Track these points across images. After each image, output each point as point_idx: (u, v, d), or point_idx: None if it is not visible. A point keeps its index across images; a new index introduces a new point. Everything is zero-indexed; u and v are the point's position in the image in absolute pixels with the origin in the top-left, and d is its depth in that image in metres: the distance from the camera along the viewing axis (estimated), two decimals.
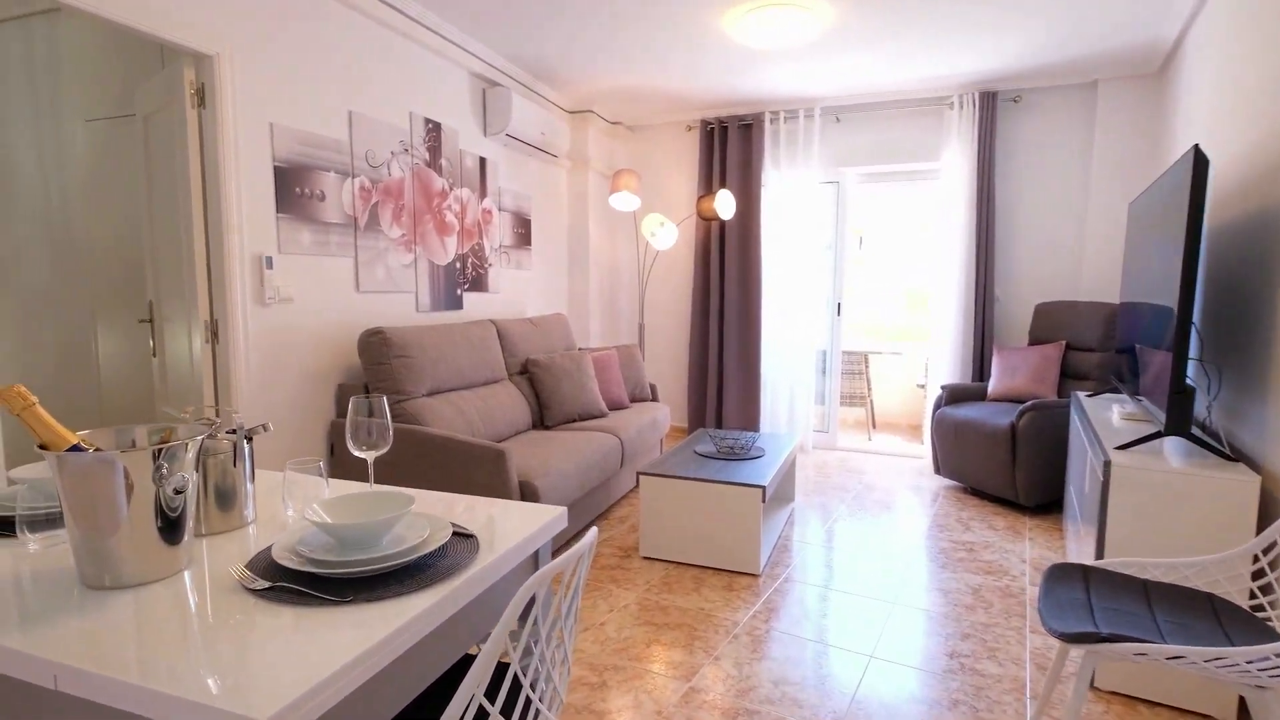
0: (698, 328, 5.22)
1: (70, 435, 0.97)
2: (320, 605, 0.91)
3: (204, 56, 2.44)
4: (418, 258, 3.54)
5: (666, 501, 2.93)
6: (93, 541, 0.96)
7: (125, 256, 3.30)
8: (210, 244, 2.55)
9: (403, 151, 3.39)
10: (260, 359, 2.67)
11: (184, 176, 2.53)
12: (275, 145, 2.69)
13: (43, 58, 3.39)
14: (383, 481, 2.82)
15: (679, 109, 5.08)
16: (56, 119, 3.39)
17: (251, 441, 1.26)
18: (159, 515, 0.99)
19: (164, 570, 1.01)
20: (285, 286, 2.76)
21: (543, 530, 1.24)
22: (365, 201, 3.16)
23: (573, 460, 3.00)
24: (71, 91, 3.34)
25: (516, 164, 4.46)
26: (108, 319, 3.37)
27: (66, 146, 3.38)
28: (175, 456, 1.00)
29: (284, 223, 2.75)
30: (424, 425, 2.87)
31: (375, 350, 2.92)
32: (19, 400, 0.93)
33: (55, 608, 0.91)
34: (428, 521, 1.16)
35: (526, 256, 4.61)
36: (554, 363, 3.79)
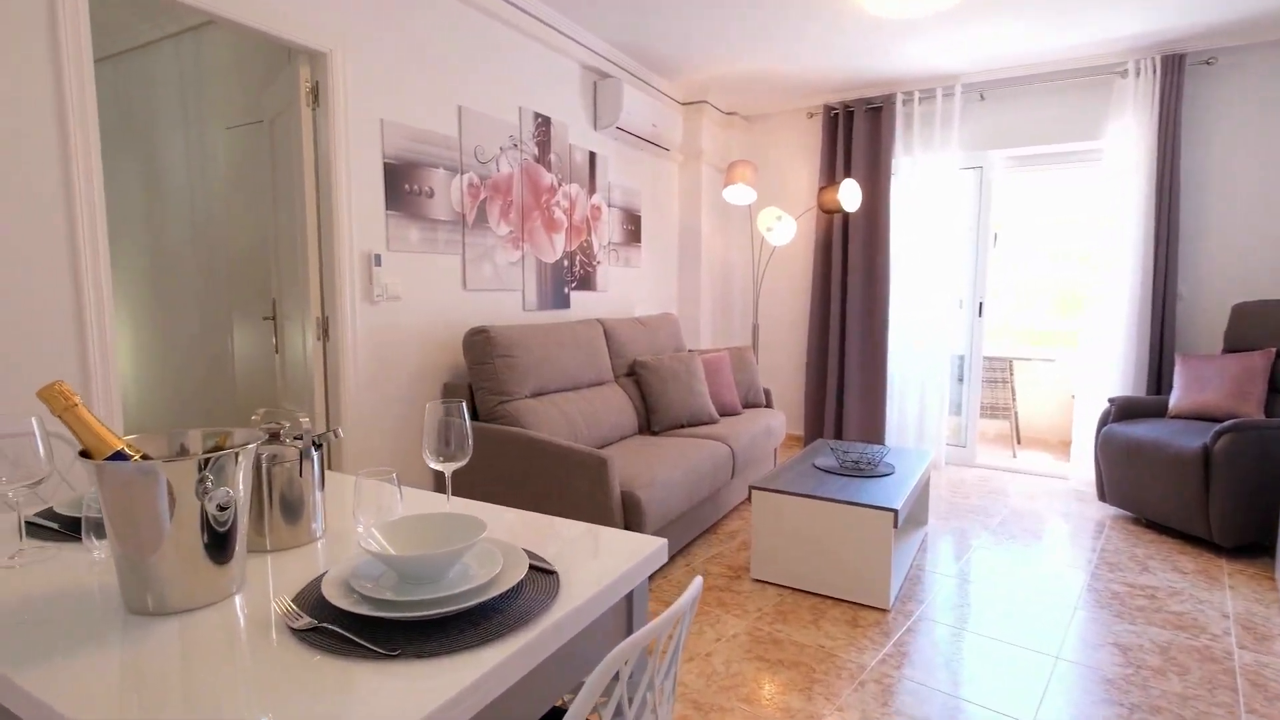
0: (816, 329, 4.85)
1: (114, 440, 0.87)
2: (365, 657, 0.75)
3: (318, 54, 2.45)
4: (525, 255, 3.46)
5: (782, 520, 2.65)
6: (133, 560, 0.85)
7: (255, 257, 3.45)
8: (322, 242, 2.56)
9: (512, 147, 3.32)
10: (368, 357, 2.66)
11: (299, 175, 2.55)
12: (385, 142, 2.67)
13: (190, 71, 3.62)
14: (481, 486, 2.74)
15: (800, 94, 4.75)
16: (201, 127, 3.60)
17: (321, 449, 1.14)
18: (205, 531, 0.88)
19: (211, 594, 0.89)
20: (393, 284, 2.74)
21: (638, 567, 1.03)
22: (473, 198, 3.11)
23: (680, 469, 2.79)
24: (214, 101, 3.54)
25: (626, 158, 4.31)
26: (241, 317, 3.54)
27: (209, 153, 3.59)
28: (223, 468, 0.88)
29: (393, 220, 2.73)
30: (526, 427, 2.76)
31: (479, 349, 2.84)
32: (60, 400, 0.84)
33: (90, 634, 0.81)
34: (501, 552, 0.98)
35: (635, 254, 4.46)
36: (662, 364, 3.60)
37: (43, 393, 0.83)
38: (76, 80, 1.81)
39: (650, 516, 2.52)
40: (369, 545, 0.88)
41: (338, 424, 2.59)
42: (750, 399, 4.13)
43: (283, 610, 0.85)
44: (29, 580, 0.96)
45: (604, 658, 0.69)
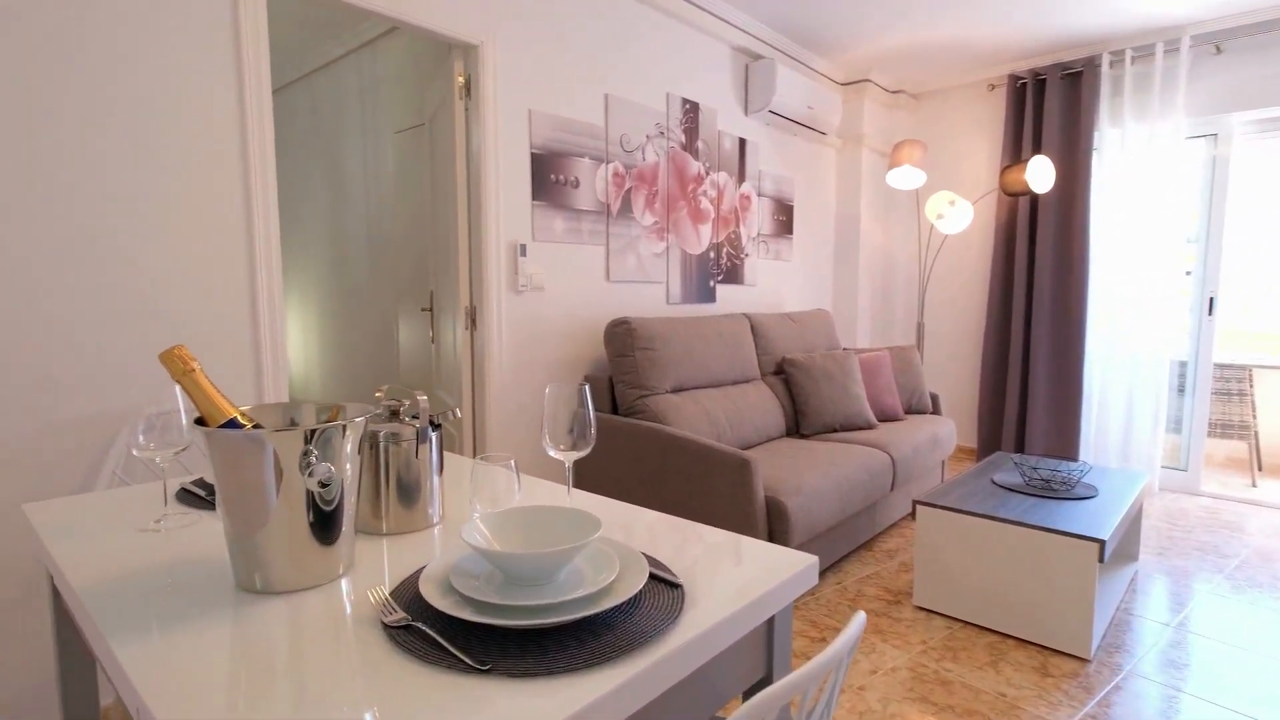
0: (995, 328, 4.30)
1: (230, 408, 0.84)
2: (452, 667, 0.64)
3: (470, 47, 2.49)
4: (670, 246, 3.35)
5: (952, 541, 2.30)
6: (241, 536, 0.81)
7: (416, 252, 3.64)
8: (471, 233, 2.61)
9: (658, 134, 3.22)
10: (512, 347, 2.68)
11: (450, 167, 2.62)
12: (533, 132, 2.67)
13: (367, 82, 3.90)
14: (615, 482, 2.66)
15: (980, 64, 4.23)
16: (376, 133, 3.87)
17: (439, 429, 1.07)
18: (311, 510, 0.82)
19: (317, 576, 0.84)
20: (537, 275, 2.73)
21: (784, 587, 0.85)
22: (618, 188, 3.04)
23: (831, 477, 2.53)
24: (386, 108, 3.79)
25: (779, 144, 4.07)
26: (405, 310, 3.76)
27: (380, 157, 3.85)
28: (328, 441, 0.81)
29: (538, 210, 2.72)
30: (665, 424, 2.63)
31: (620, 341, 2.76)
32: (178, 364, 0.82)
33: (198, 607, 0.77)
34: (618, 556, 0.84)
35: (786, 246, 4.20)
36: (814, 363, 3.33)
37: (163, 356, 0.81)
38: (256, 108, 1.94)
39: (797, 527, 2.29)
40: (471, 538, 0.77)
41: (483, 413, 2.62)
42: (914, 404, 3.72)
43: (378, 602, 0.77)
44: (165, 545, 0.96)
45: (733, 695, 0.52)
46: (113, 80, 1.69)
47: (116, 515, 1.08)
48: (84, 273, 1.67)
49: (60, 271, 1.64)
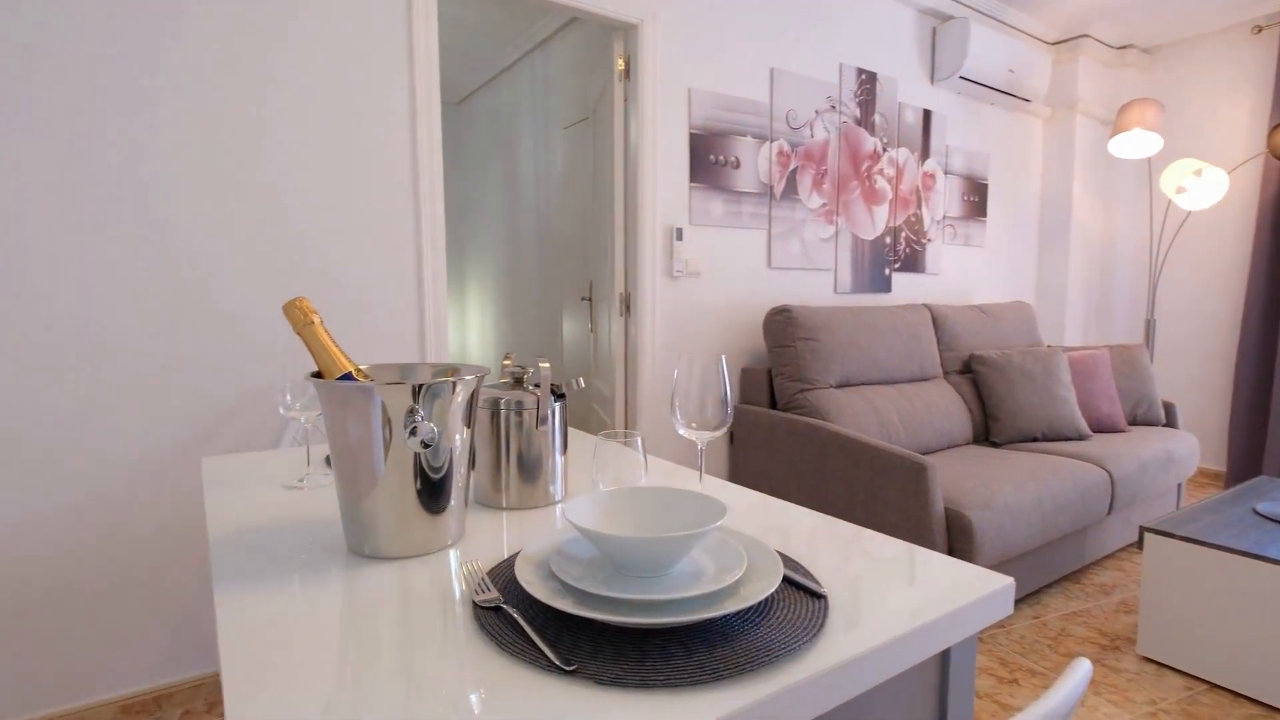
0: (1256, 326, 3.49)
1: (346, 362, 0.81)
2: (533, 662, 0.54)
3: (630, 26, 2.44)
4: (839, 231, 3.09)
5: (1194, 581, 1.84)
6: (351, 499, 0.78)
7: (580, 244, 3.70)
8: (627, 217, 2.56)
9: (829, 109, 2.98)
10: (666, 334, 2.59)
11: (609, 154, 2.59)
12: (692, 111, 2.57)
13: (539, 82, 4.05)
14: (769, 479, 2.47)
15: (1239, 2, 3.46)
16: (547, 130, 4.00)
17: (563, 399, 0.99)
18: (419, 477, 0.77)
19: (423, 545, 0.78)
20: (694, 260, 2.62)
21: (969, 611, 0.65)
22: (783, 167, 2.85)
23: (1030, 492, 2.15)
24: (555, 106, 3.90)
25: (971, 115, 3.61)
26: (568, 301, 3.84)
27: (550, 153, 3.97)
28: (437, 397, 0.76)
29: (696, 193, 2.61)
30: (828, 420, 2.40)
31: (780, 330, 2.57)
32: (300, 315, 0.80)
33: (310, 567, 0.75)
34: (747, 552, 0.70)
35: (978, 230, 3.72)
36: (1010, 361, 2.89)
37: (286, 307, 0.80)
38: (426, 123, 2.03)
39: (984, 546, 1.97)
40: (574, 517, 0.67)
41: (635, 402, 2.56)
42: (1142, 414, 3.11)
43: (473, 578, 0.70)
44: (300, 502, 0.97)
45: None
46: (308, 95, 1.84)
47: (272, 473, 1.13)
48: (273, 255, 1.84)
49: (252, 254, 1.81)
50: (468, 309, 5.53)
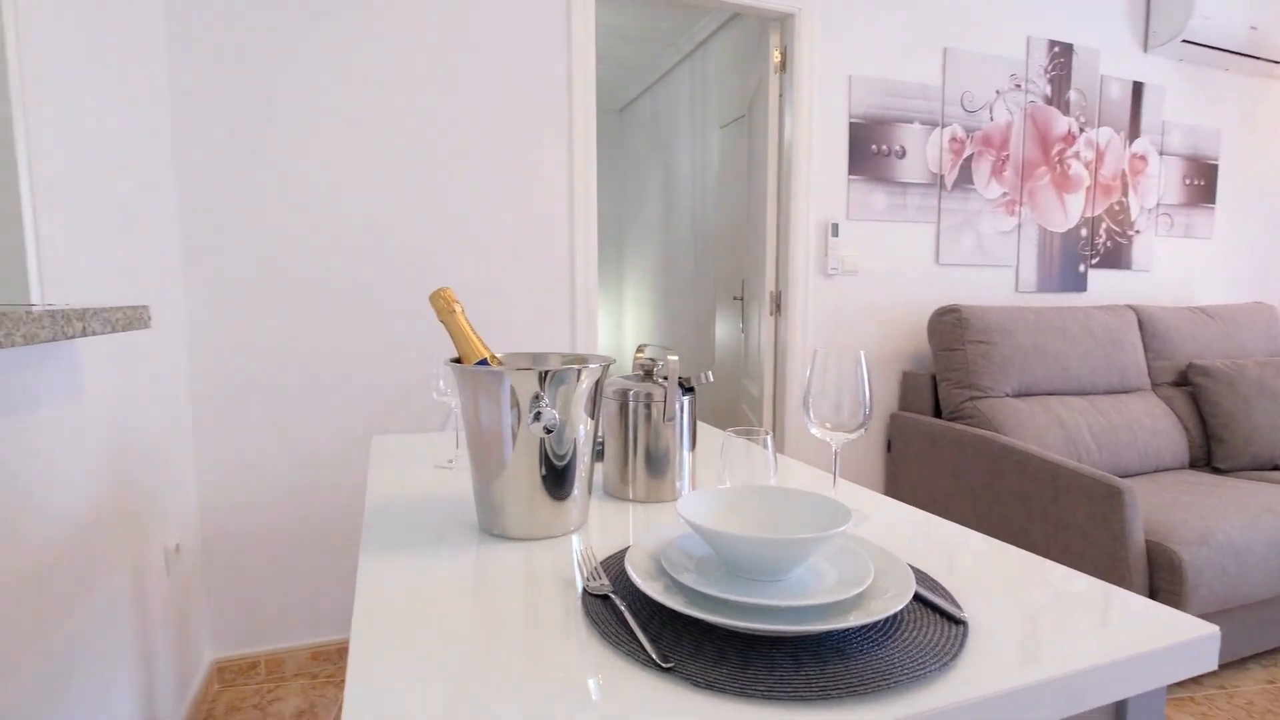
0: None
1: (482, 349, 0.85)
2: (631, 654, 0.53)
3: (786, 16, 2.37)
4: (1022, 223, 2.77)
5: None
6: (483, 480, 0.82)
7: (733, 243, 3.66)
8: (780, 213, 2.49)
9: (1012, 88, 2.69)
10: (818, 335, 2.48)
11: (764, 149, 2.53)
12: (852, 100, 2.43)
13: (698, 83, 4.06)
14: (934, 500, 2.26)
15: None
16: (704, 130, 4.01)
17: (693, 393, 0.97)
18: (543, 463, 0.79)
19: (546, 528, 0.80)
20: (850, 256, 2.49)
21: (1150, 661, 0.55)
22: (955, 155, 2.61)
23: (1266, 530, 1.79)
24: (713, 105, 3.89)
25: (1196, 85, 3.09)
26: (721, 300, 3.82)
27: (706, 152, 3.97)
28: (563, 381, 0.77)
29: (855, 185, 2.47)
30: (1001, 432, 2.16)
31: (947, 332, 2.36)
32: (444, 304, 0.86)
33: (445, 544, 0.80)
34: (874, 563, 0.63)
35: (1203, 219, 3.17)
36: (1242, 373, 2.43)
37: (432, 297, 0.86)
38: (582, 126, 2.10)
39: (1198, 590, 1.66)
40: (686, 512, 0.65)
41: (783, 405, 2.48)
42: None
43: (587, 565, 0.70)
44: (447, 482, 1.04)
45: None
46: (475, 105, 1.98)
47: (428, 453, 1.22)
48: (441, 252, 2.00)
49: (423, 250, 1.98)
50: (624, 309, 5.69)
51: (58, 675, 1.06)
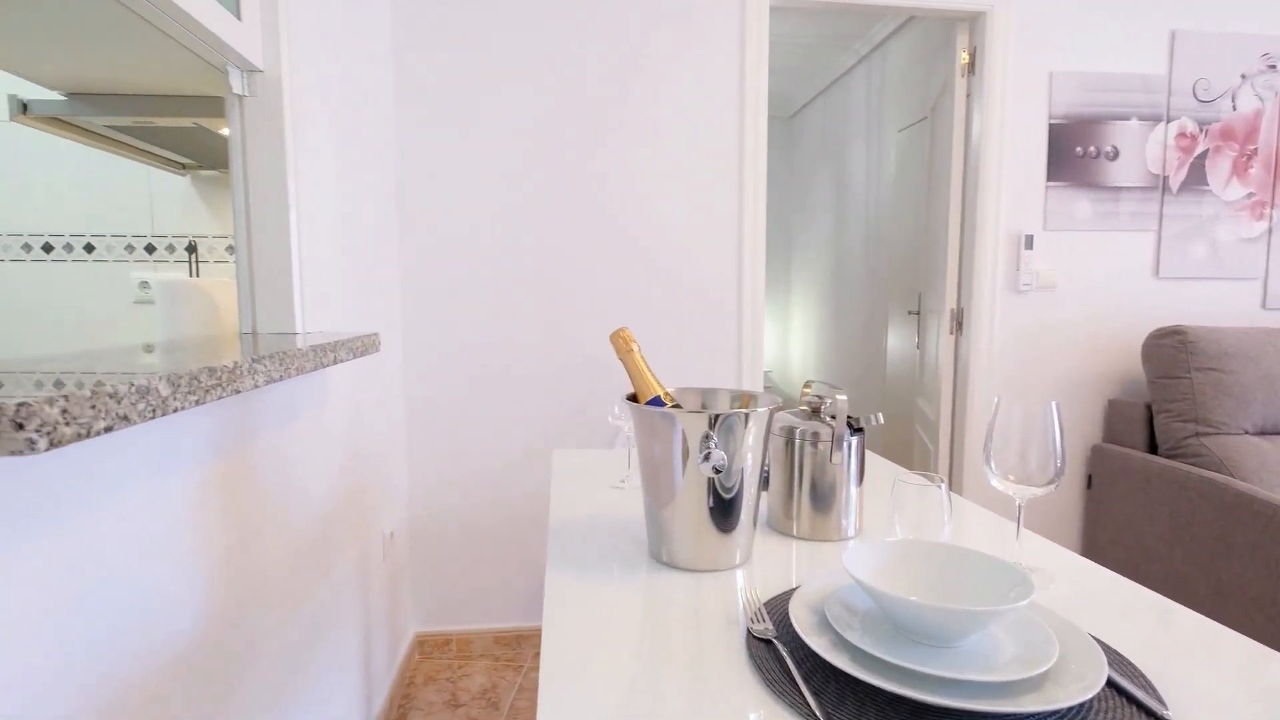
0: None
1: (656, 386, 0.91)
2: (792, 706, 0.55)
3: (976, 15, 2.21)
4: (1274, 227, 2.35)
5: None
6: (653, 509, 0.87)
7: (909, 253, 3.46)
8: (965, 225, 2.33)
9: (1264, 70, 2.29)
10: (1006, 356, 2.29)
11: (947, 155, 2.38)
12: (1052, 99, 2.22)
13: (876, 83, 3.90)
14: (1143, 548, 1.99)
15: None
16: (879, 135, 3.84)
17: (861, 434, 0.96)
18: (711, 495, 0.83)
19: (712, 561, 0.84)
20: (1047, 271, 2.26)
21: None
22: (1184, 153, 2.28)
23: None
24: (890, 108, 3.71)
25: None
26: (894, 312, 3.63)
27: (882, 157, 3.80)
28: (731, 429, 0.81)
29: (1054, 192, 2.25)
30: (1236, 476, 1.86)
31: (1168, 357, 2.07)
32: (622, 344, 0.93)
33: (618, 566, 0.87)
34: (1054, 635, 0.60)
35: None
36: None
37: (612, 336, 0.94)
38: (753, 135, 2.12)
39: None
40: (853, 568, 0.65)
41: (963, 431, 2.32)
42: None
43: (751, 605, 0.73)
44: (620, 502, 1.12)
45: None
46: (651, 114, 2.08)
47: (603, 471, 1.31)
48: (612, 264, 2.11)
49: (599, 260, 2.10)
50: (791, 318, 5.59)
51: (314, 635, 1.29)
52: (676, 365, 2.16)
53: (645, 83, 2.06)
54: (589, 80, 2.04)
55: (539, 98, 2.03)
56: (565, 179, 2.06)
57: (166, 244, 1.91)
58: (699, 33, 2.07)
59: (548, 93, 2.03)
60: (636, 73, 2.06)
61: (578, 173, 2.06)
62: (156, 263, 1.91)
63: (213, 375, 0.69)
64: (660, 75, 2.07)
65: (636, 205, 2.10)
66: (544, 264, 2.08)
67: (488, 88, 2.01)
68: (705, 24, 2.07)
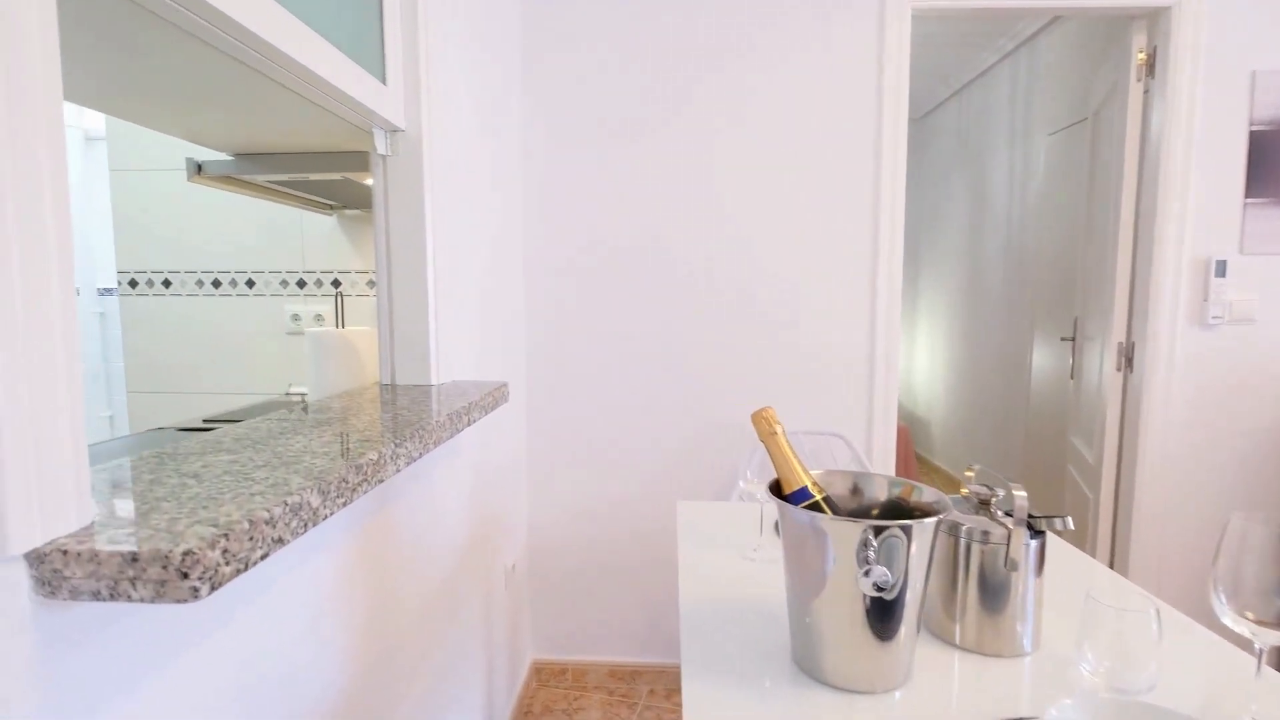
0: None
1: (802, 475, 0.83)
2: None
3: (1158, 12, 1.94)
4: None
5: None
6: (797, 608, 0.80)
7: (1061, 269, 3.13)
8: (1138, 247, 2.06)
9: None
10: (1188, 401, 2.00)
11: (1117, 167, 2.11)
12: (1255, 102, 1.91)
13: (1021, 84, 3.57)
14: None
15: None
16: (1026, 138, 3.51)
17: (1043, 537, 0.83)
18: (868, 599, 0.75)
19: (868, 679, 0.76)
20: (1242, 302, 1.96)
21: None
22: None
23: None
24: (1040, 109, 3.38)
25: None
26: (1042, 334, 3.30)
27: (1030, 163, 3.47)
28: (892, 549, 0.72)
29: (1254, 210, 1.94)
30: None
31: None
32: (765, 426, 0.85)
33: (754, 667, 0.80)
34: None
35: None
36: None
37: (754, 417, 0.87)
38: (891, 136, 1.97)
39: None
40: None
41: (1130, 483, 2.05)
42: None
43: None
44: (752, 577, 1.05)
45: None
46: (781, 120, 1.99)
47: (733, 531, 1.25)
48: (735, 281, 2.03)
49: (721, 280, 2.03)
50: (916, 331, 5.26)
51: (443, 674, 1.31)
52: (802, 394, 2.05)
53: (771, 104, 1.97)
54: (706, 115, 1.98)
55: (655, 137, 1.99)
56: (690, 208, 2.01)
57: (315, 279, 2.04)
58: (836, 57, 1.95)
59: (659, 129, 1.99)
60: (762, 98, 1.97)
61: (702, 201, 2.01)
62: (306, 297, 2.04)
63: (359, 473, 0.68)
64: (792, 99, 1.97)
65: (766, 230, 2.01)
66: (665, 289, 2.04)
67: (612, 139, 1.99)
68: (840, 65, 1.95)
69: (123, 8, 0.69)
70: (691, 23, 1.96)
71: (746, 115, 1.98)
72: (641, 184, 2.01)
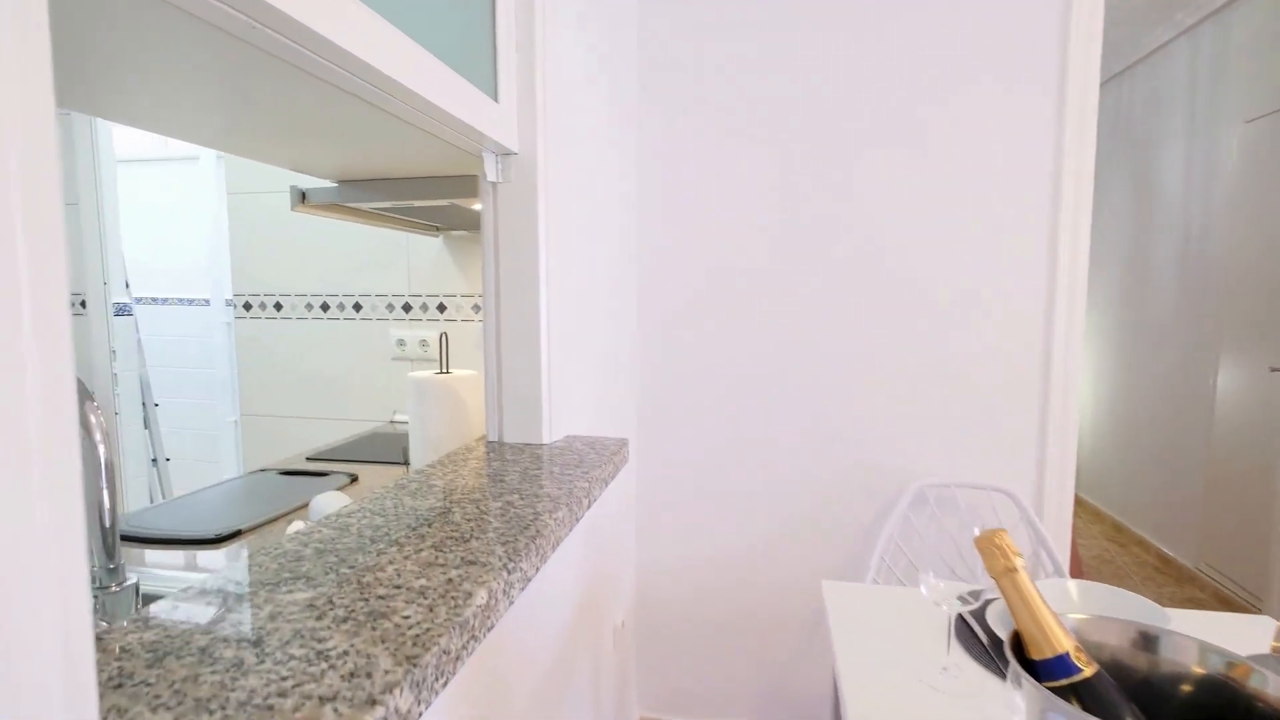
0: None
1: (1062, 637, 0.59)
2: None
3: None
4: None
5: None
6: None
7: (1260, 281, 2.62)
8: None
9: None
10: None
11: None
12: None
13: (1205, 65, 3.05)
14: None
15: None
16: (1211, 125, 3.00)
17: None
18: None
19: None
20: None
21: None
22: None
23: None
24: (1231, 93, 2.87)
25: None
26: (1231, 357, 2.79)
27: (1217, 156, 2.95)
28: None
29: None
30: None
31: None
32: (998, 558, 0.62)
33: None
34: None
35: None
36: None
37: (981, 543, 0.64)
38: (1077, 103, 1.65)
39: None
40: None
41: None
42: None
43: None
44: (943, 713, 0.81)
45: None
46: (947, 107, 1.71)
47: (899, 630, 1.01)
48: (870, 309, 1.76)
49: (852, 308, 1.77)
50: None
51: None
52: (952, 437, 1.76)
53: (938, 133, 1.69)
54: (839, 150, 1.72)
55: (775, 161, 1.75)
56: (821, 221, 1.77)
57: (420, 303, 1.95)
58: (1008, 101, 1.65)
59: (781, 146, 1.75)
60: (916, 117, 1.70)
61: (836, 210, 1.76)
62: (412, 321, 1.96)
63: (464, 633, 0.51)
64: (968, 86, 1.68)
65: (915, 243, 1.74)
66: (791, 320, 1.80)
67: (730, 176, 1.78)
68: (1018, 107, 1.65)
69: (252, 57, 0.62)
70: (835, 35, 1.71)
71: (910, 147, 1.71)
72: (761, 198, 1.79)
